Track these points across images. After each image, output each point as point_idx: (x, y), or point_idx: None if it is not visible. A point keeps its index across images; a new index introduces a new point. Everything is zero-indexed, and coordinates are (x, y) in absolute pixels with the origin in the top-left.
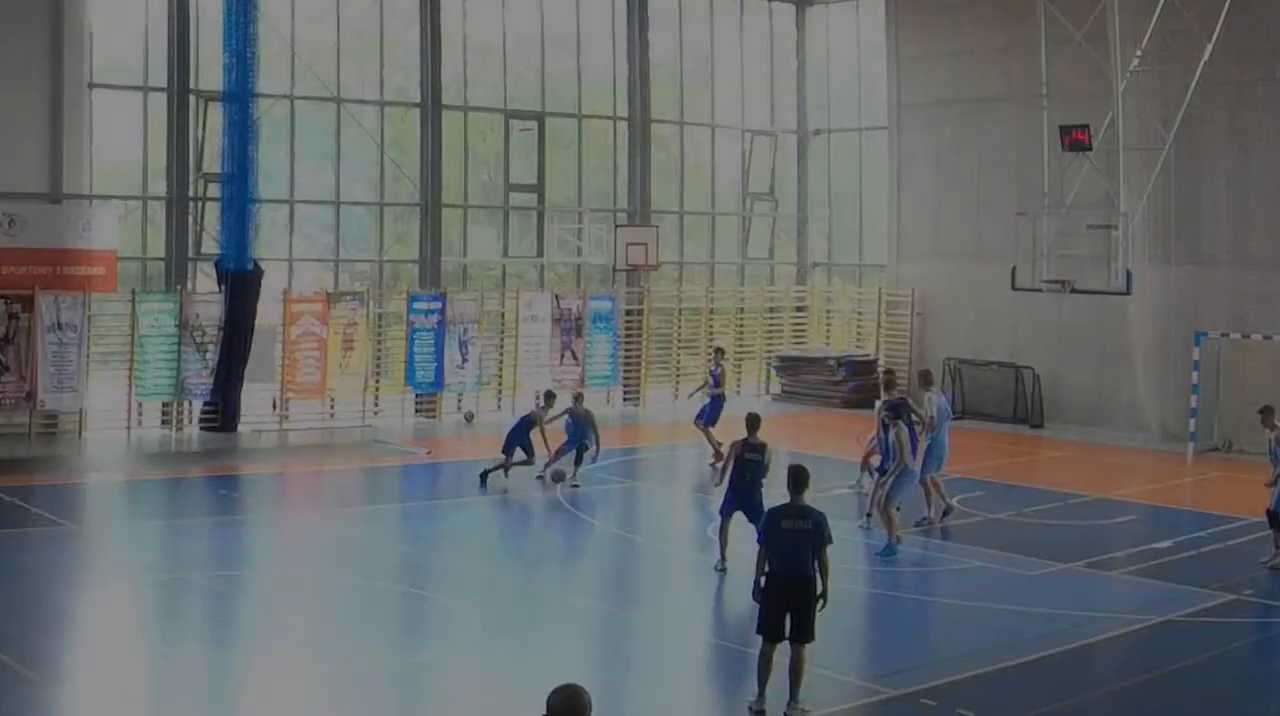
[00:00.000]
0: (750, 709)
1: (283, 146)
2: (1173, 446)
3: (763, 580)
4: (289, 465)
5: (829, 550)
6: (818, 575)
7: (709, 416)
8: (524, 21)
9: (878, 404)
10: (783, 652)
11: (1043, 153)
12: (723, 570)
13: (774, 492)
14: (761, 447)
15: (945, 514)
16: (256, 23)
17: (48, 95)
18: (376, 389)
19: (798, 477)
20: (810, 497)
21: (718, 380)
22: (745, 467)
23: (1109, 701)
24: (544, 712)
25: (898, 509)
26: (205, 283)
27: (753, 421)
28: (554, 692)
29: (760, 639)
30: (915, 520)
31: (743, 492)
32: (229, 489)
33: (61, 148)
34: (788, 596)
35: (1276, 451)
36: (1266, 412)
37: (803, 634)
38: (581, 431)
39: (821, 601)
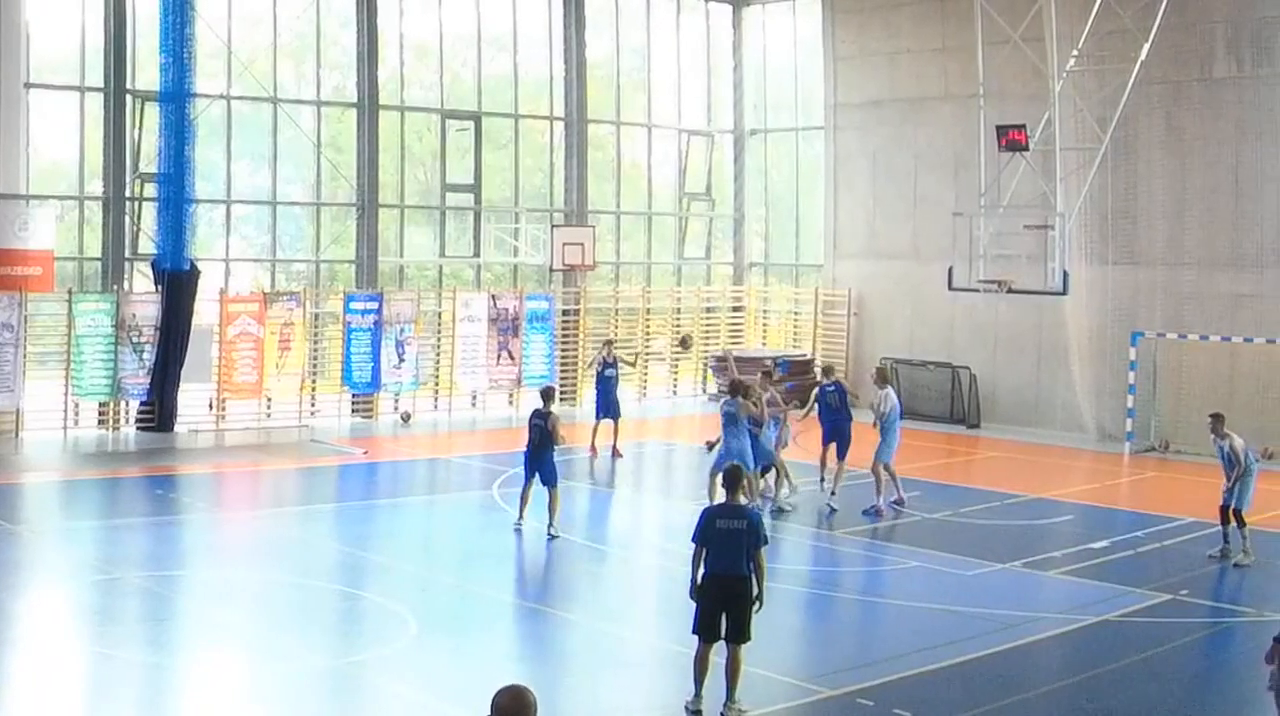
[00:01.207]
0: (687, 708)
1: (219, 147)
2: (1109, 446)
3: (699, 579)
4: (225, 465)
5: (764, 550)
6: (753, 575)
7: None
8: (460, 21)
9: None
10: (719, 652)
11: (979, 153)
12: (519, 529)
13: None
14: (546, 415)
15: (897, 504)
16: (193, 23)
17: None
18: (313, 389)
19: (733, 478)
20: (744, 497)
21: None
22: (532, 431)
23: (1045, 701)
24: (488, 713)
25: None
26: (142, 283)
27: (546, 393)
28: (499, 693)
29: (696, 639)
30: (863, 508)
31: (534, 454)
32: (166, 489)
33: None
34: (723, 596)
35: (1229, 459)
36: (1216, 420)
37: (739, 634)
38: None
39: (757, 602)
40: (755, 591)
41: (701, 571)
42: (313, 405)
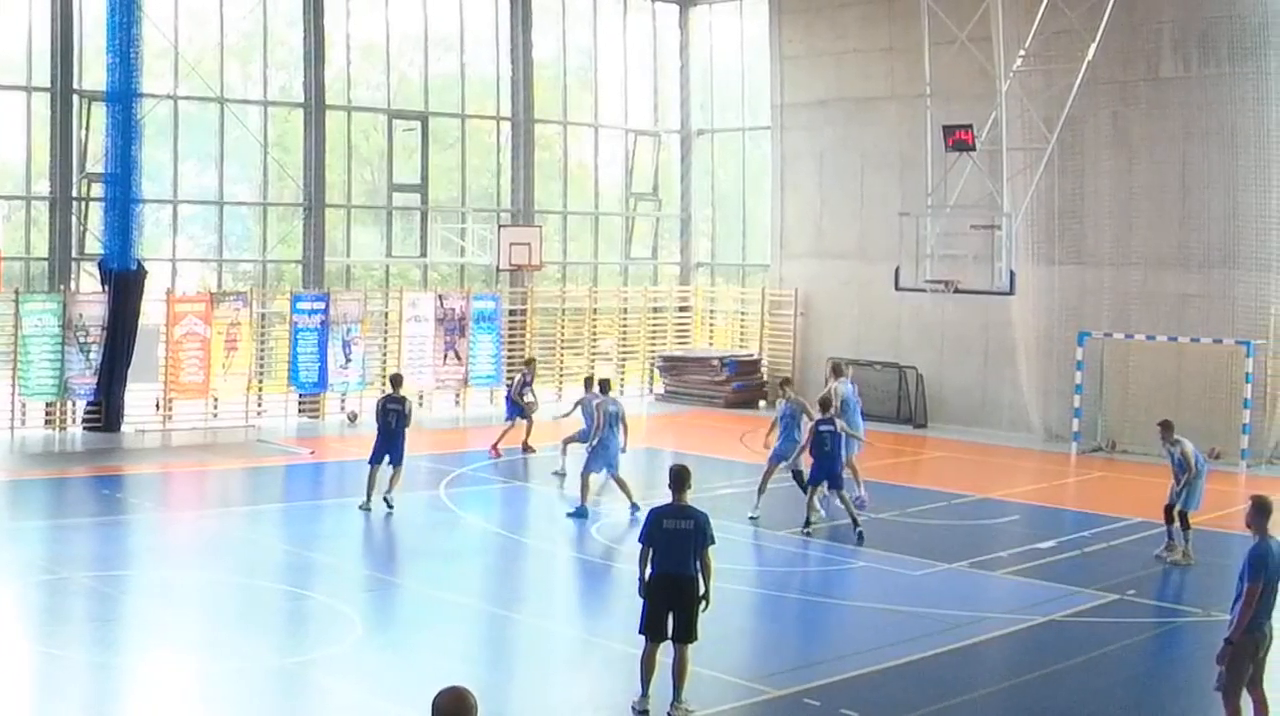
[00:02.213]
0: (634, 708)
1: (166, 147)
2: (1056, 446)
3: (646, 578)
4: (172, 465)
5: (711, 550)
6: (700, 575)
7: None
8: (407, 21)
9: (782, 405)
10: (666, 652)
11: (926, 153)
12: (367, 509)
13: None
14: (401, 400)
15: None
16: (140, 23)
17: None
18: (260, 389)
19: (679, 477)
20: (692, 498)
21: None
22: (387, 416)
23: (993, 701)
24: (429, 714)
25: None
26: (89, 283)
27: (395, 380)
28: (440, 694)
29: (643, 639)
30: (853, 496)
31: (387, 437)
32: (112, 489)
33: None
34: (670, 596)
35: (1181, 464)
36: (1166, 428)
37: (685, 634)
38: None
39: (704, 602)
40: (702, 591)
41: (649, 571)
42: (259, 405)
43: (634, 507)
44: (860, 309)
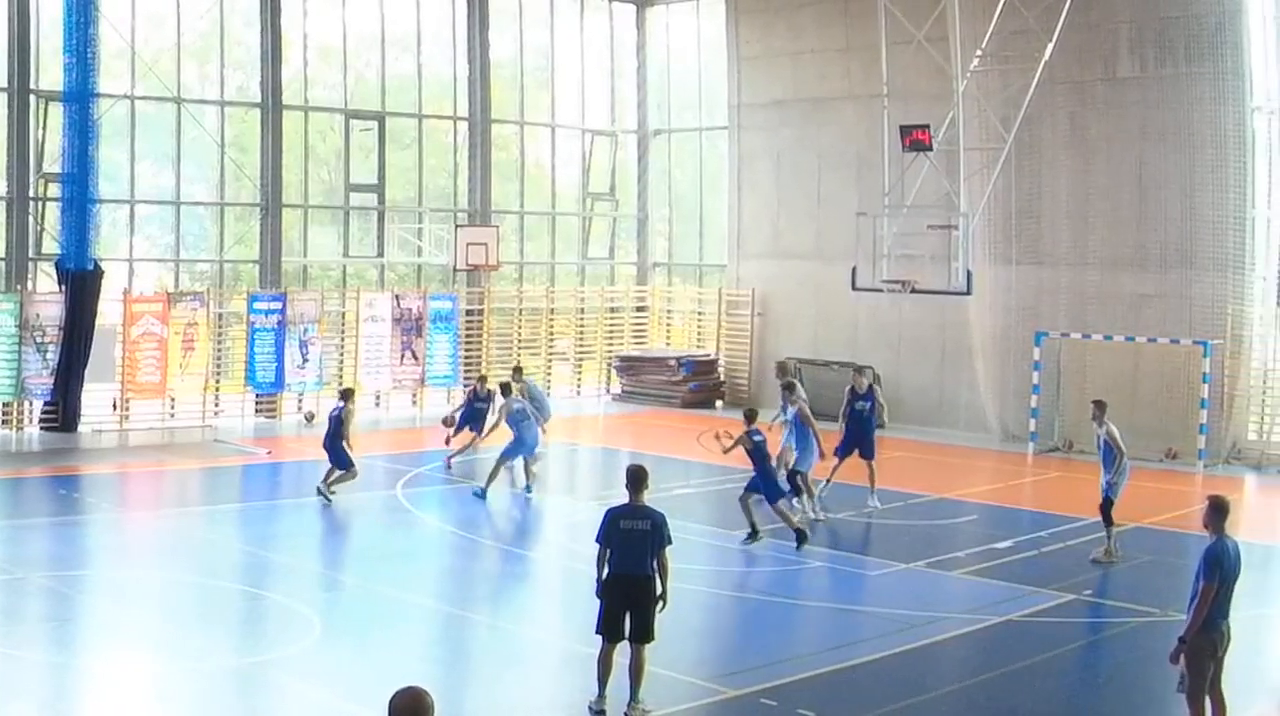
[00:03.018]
0: (591, 708)
1: (123, 146)
2: (1013, 446)
3: (603, 578)
4: (129, 465)
5: (669, 551)
6: (657, 575)
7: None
8: (364, 21)
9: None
10: (623, 652)
11: (883, 153)
12: (328, 499)
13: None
14: (349, 393)
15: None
16: (97, 23)
17: None
18: (217, 389)
19: (636, 478)
20: (649, 498)
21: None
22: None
23: (949, 701)
24: (387, 714)
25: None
26: (46, 283)
27: (346, 394)
28: (397, 694)
29: (600, 638)
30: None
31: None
32: (69, 489)
33: None
34: (627, 596)
35: (1108, 447)
36: (1099, 407)
37: (642, 634)
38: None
39: (661, 602)
40: (660, 591)
41: (606, 571)
42: (216, 405)
43: (527, 489)
44: (817, 309)
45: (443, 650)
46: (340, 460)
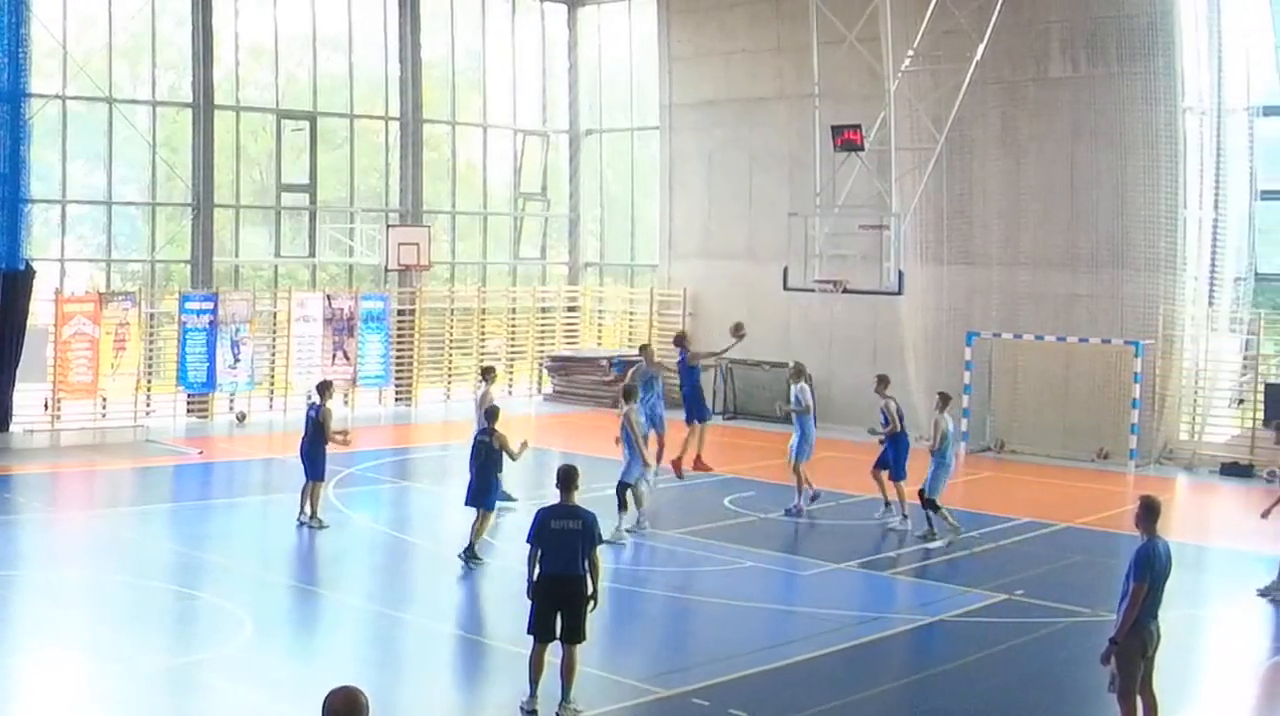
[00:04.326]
0: (522, 708)
1: (54, 147)
2: None
3: (534, 579)
4: (61, 465)
5: (599, 550)
6: (588, 575)
7: None
8: (296, 21)
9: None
10: (555, 652)
11: (815, 153)
12: (322, 526)
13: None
14: (327, 388)
15: (813, 499)
16: (28, 23)
17: None
18: (149, 389)
19: (567, 478)
20: (580, 498)
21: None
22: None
23: (882, 700)
24: (320, 714)
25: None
26: None
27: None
28: (332, 693)
29: (532, 639)
30: (785, 507)
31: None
32: (0, 489)
33: None
34: (557, 596)
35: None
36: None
37: (573, 634)
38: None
39: (592, 602)
40: (591, 591)
41: (537, 571)
42: (148, 405)
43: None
44: (749, 309)
45: (374, 650)
46: (318, 469)
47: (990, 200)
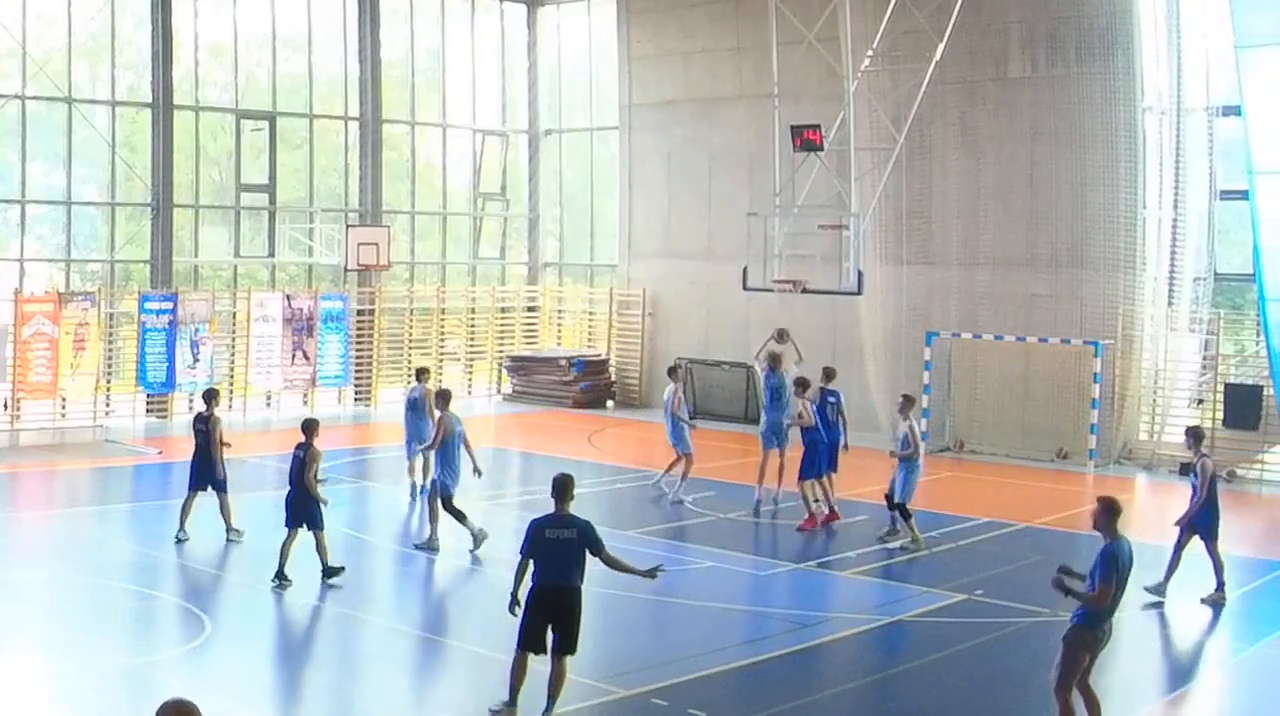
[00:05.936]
0: (490, 710)
1: (14, 146)
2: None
3: (521, 592)
4: (20, 465)
5: (607, 551)
6: (582, 585)
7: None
8: (255, 21)
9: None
10: (541, 660)
11: (774, 153)
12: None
13: None
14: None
15: (775, 502)
16: None
17: None
18: (108, 389)
19: (562, 487)
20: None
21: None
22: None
23: (840, 701)
24: None
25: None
26: None
27: (208, 396)
28: (162, 708)
29: (514, 644)
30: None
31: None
32: None
33: None
34: (550, 609)
35: (904, 442)
36: (908, 401)
37: (566, 646)
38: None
39: (657, 570)
40: (647, 568)
41: (529, 583)
42: (108, 405)
43: (422, 490)
44: (708, 309)
45: (334, 652)
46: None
47: (950, 200)
